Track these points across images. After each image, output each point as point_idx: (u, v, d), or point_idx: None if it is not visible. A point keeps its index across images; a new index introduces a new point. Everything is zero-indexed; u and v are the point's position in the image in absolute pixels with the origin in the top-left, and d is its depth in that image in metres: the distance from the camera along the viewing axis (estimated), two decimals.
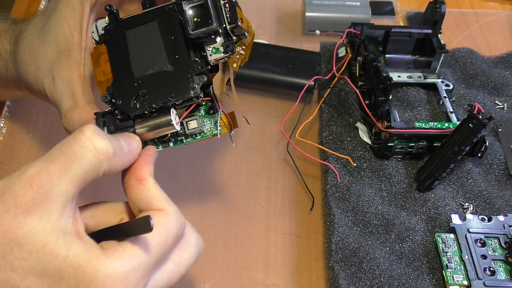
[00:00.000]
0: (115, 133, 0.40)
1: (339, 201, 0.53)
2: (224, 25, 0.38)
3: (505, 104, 0.63)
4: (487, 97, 0.64)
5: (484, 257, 0.48)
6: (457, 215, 0.51)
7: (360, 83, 0.60)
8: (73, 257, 0.31)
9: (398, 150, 0.56)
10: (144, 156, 0.38)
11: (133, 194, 0.36)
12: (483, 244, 0.49)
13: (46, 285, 0.31)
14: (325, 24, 0.72)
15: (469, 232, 0.50)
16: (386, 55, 0.64)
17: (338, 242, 0.50)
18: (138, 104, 0.39)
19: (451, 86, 0.60)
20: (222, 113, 0.41)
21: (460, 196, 0.55)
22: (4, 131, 0.61)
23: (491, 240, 0.50)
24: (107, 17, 0.42)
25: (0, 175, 0.57)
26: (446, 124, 0.55)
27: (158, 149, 0.41)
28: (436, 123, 0.55)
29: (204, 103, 0.41)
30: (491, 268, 0.48)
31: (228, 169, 0.59)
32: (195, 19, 0.38)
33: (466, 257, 0.48)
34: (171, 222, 0.35)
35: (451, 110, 0.57)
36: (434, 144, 0.55)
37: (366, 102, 0.58)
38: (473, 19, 0.78)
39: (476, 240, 0.49)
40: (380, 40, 0.63)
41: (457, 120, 0.56)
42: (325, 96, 0.62)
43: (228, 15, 0.39)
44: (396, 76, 0.60)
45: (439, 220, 0.52)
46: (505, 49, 0.70)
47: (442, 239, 0.50)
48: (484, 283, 0.46)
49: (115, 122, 0.40)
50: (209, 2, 0.38)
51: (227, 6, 0.39)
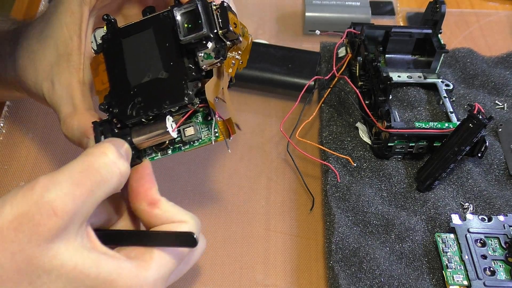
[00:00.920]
0: None
1: (339, 201, 0.53)
2: (216, 30, 0.38)
3: (505, 104, 0.63)
4: (487, 97, 0.63)
5: (484, 257, 0.48)
6: (457, 215, 0.51)
7: (360, 83, 0.60)
8: (105, 274, 0.31)
9: (398, 150, 0.56)
10: (146, 177, 0.37)
11: (151, 219, 0.36)
12: (483, 244, 0.49)
13: None
14: (325, 24, 0.72)
15: (469, 232, 0.50)
16: (386, 55, 0.64)
17: (338, 242, 0.50)
18: (134, 112, 0.39)
19: (451, 86, 0.60)
20: (219, 119, 0.40)
21: (460, 196, 0.54)
22: (4, 131, 0.61)
23: (491, 240, 0.50)
24: (105, 27, 0.42)
25: (0, 175, 0.57)
26: (446, 124, 0.55)
27: (157, 157, 0.41)
28: (436, 123, 0.55)
29: (202, 109, 0.40)
30: (491, 268, 0.48)
31: (228, 169, 0.59)
32: (187, 25, 0.38)
33: (466, 257, 0.48)
34: (193, 230, 0.36)
35: (451, 110, 0.57)
36: (434, 144, 0.55)
37: (366, 102, 0.58)
38: (473, 19, 0.78)
39: (476, 240, 0.49)
40: (380, 40, 0.63)
41: (457, 120, 0.56)
42: (325, 96, 0.62)
43: (220, 20, 0.38)
44: (396, 76, 0.60)
45: (439, 220, 0.52)
46: (505, 49, 0.70)
47: (442, 239, 0.50)
48: (484, 283, 0.46)
49: (113, 131, 0.39)
50: (199, 7, 0.37)
51: (219, 11, 0.38)
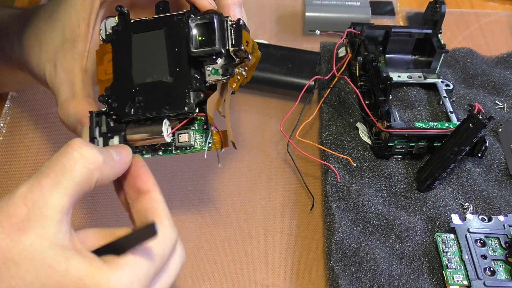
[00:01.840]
0: (106, 134, 0.40)
1: (339, 201, 0.53)
2: (228, 47, 0.38)
3: (505, 104, 0.63)
4: (487, 97, 0.63)
5: (484, 257, 0.48)
6: (457, 215, 0.51)
7: (360, 83, 0.60)
8: (74, 271, 0.30)
9: (398, 150, 0.56)
10: (142, 168, 0.37)
11: (140, 205, 0.36)
12: (483, 244, 0.49)
13: None
14: (325, 24, 0.72)
15: (469, 232, 0.50)
16: (386, 55, 0.64)
17: (338, 242, 0.50)
18: (133, 111, 0.39)
19: (451, 86, 0.60)
20: (215, 130, 0.40)
21: (460, 196, 0.54)
22: (4, 131, 0.61)
23: (491, 240, 0.50)
24: (117, 17, 0.41)
25: (0, 175, 0.57)
26: (446, 124, 0.55)
27: (147, 156, 0.41)
28: (436, 123, 0.55)
29: (199, 118, 0.40)
30: (491, 268, 0.47)
31: (228, 169, 0.59)
32: (200, 38, 0.38)
33: (466, 257, 0.48)
34: (169, 236, 0.35)
35: (451, 110, 0.57)
36: (434, 144, 0.55)
37: (366, 102, 0.58)
38: (473, 19, 0.78)
39: (476, 240, 0.49)
40: (380, 40, 0.63)
41: (457, 120, 0.56)
42: (325, 96, 0.62)
43: (233, 37, 0.38)
44: (396, 76, 0.60)
45: (439, 220, 0.52)
46: (505, 49, 0.70)
47: (442, 239, 0.50)
48: (484, 283, 0.46)
49: (108, 124, 0.39)
50: (215, 22, 0.37)
51: (234, 27, 0.38)
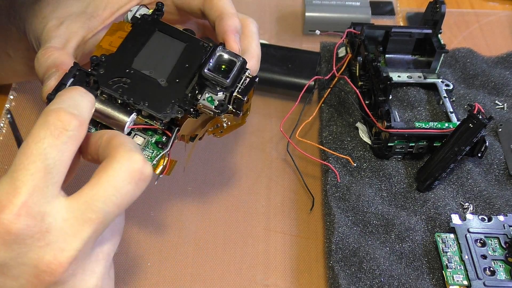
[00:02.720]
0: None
1: (339, 201, 0.53)
2: (233, 90, 0.39)
3: (505, 104, 0.63)
4: (487, 97, 0.63)
5: (484, 257, 0.48)
6: (457, 215, 0.51)
7: (360, 83, 0.60)
8: None
9: (398, 150, 0.56)
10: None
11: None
12: (483, 244, 0.49)
13: None
14: (325, 24, 0.72)
15: (469, 232, 0.50)
16: (386, 55, 0.64)
17: (338, 242, 0.50)
18: (113, 87, 0.39)
19: (451, 86, 0.60)
20: (167, 154, 0.40)
21: (460, 196, 0.54)
22: (4, 131, 0.61)
23: (491, 240, 0.50)
24: (151, 10, 0.43)
25: (0, 175, 0.57)
26: (446, 124, 0.55)
27: (93, 130, 0.39)
28: (436, 123, 0.55)
29: (161, 134, 0.40)
30: (491, 268, 0.48)
31: (228, 169, 0.59)
32: (218, 65, 0.40)
33: (466, 257, 0.48)
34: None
35: (451, 110, 0.57)
36: (434, 144, 0.55)
37: (366, 102, 0.58)
38: (473, 19, 0.78)
39: (476, 240, 0.49)
40: (380, 40, 0.63)
41: (457, 120, 0.56)
42: (325, 96, 0.62)
43: (242, 87, 0.40)
44: (396, 76, 0.60)
45: (439, 220, 0.52)
46: (505, 49, 0.70)
47: (442, 239, 0.50)
48: (484, 283, 0.46)
49: (83, 83, 0.38)
50: (238, 64, 0.40)
51: (248, 80, 0.40)
